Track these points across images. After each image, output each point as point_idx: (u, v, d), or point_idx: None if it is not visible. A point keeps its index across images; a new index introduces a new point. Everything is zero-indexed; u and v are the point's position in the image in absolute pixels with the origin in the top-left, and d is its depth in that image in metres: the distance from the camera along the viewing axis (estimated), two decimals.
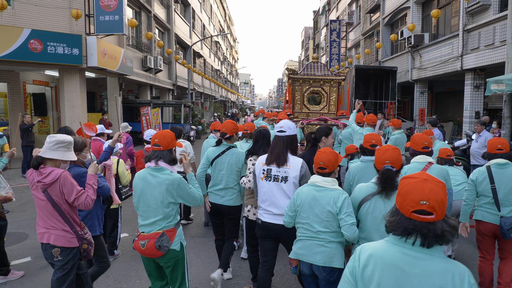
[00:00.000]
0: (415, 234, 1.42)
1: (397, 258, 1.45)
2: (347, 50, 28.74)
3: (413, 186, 1.45)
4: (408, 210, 1.43)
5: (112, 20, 11.57)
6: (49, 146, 2.90)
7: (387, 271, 1.45)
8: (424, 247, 1.42)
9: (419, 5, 16.01)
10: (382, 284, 1.45)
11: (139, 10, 17.38)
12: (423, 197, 1.41)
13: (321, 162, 2.73)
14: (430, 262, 1.42)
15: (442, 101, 18.45)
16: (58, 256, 2.91)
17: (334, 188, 2.70)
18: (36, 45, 10.42)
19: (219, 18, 45.43)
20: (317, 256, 2.67)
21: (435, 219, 1.40)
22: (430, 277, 1.40)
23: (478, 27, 11.37)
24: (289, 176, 3.09)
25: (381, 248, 1.50)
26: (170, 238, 2.80)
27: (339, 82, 8.15)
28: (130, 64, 14.47)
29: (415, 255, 1.43)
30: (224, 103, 49.66)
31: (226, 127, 3.92)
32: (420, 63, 15.41)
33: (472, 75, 11.97)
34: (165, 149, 2.87)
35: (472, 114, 12.08)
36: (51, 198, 2.86)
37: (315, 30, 44.78)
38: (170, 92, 22.94)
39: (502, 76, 7.78)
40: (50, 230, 2.91)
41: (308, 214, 2.70)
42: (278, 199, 3.10)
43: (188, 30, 26.98)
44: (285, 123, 3.22)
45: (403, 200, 1.46)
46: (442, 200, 1.42)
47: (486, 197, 3.60)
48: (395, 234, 1.47)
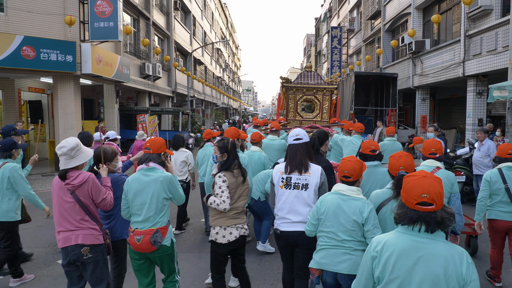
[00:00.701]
0: (420, 222, 1.72)
1: (407, 244, 1.75)
2: (349, 56, 28.55)
3: (415, 182, 1.75)
4: (412, 203, 1.73)
5: (107, 27, 11.40)
6: (67, 157, 3.03)
7: (400, 256, 1.74)
8: (428, 232, 1.72)
9: (420, 11, 15.79)
10: (396, 267, 1.75)
11: (137, 17, 17.26)
12: (423, 191, 1.71)
13: (346, 171, 2.76)
14: (434, 245, 1.71)
15: (444, 108, 18.14)
16: (88, 254, 3.06)
17: (359, 198, 2.72)
18: (29, 52, 10.25)
19: (221, 25, 45.48)
20: (342, 264, 2.68)
21: (435, 209, 1.70)
22: (435, 258, 1.70)
23: (480, 33, 11.11)
24: (310, 183, 3.12)
25: (393, 238, 1.80)
26: (163, 234, 3.09)
27: (332, 91, 8.33)
28: (127, 71, 14.30)
29: (421, 241, 1.73)
30: (226, 110, 49.53)
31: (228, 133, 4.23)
32: (422, 69, 15.15)
33: (475, 82, 11.68)
34: (154, 152, 3.20)
35: (475, 122, 11.77)
36: (79, 199, 3.04)
37: (317, 37, 44.69)
38: (169, 99, 22.77)
39: (505, 82, 7.49)
40: (77, 231, 3.04)
41: (332, 223, 2.71)
42: (297, 206, 3.12)
43: (188, 37, 26.91)
44: (299, 131, 3.30)
45: (408, 195, 1.76)
46: (440, 193, 1.72)
47: (498, 196, 4.01)
48: (403, 224, 1.78)
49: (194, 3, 28.63)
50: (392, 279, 1.76)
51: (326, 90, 8.34)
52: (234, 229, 3.34)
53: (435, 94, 18.41)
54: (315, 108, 8.49)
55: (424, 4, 15.19)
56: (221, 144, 3.41)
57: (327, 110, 8.43)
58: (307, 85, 8.37)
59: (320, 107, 8.45)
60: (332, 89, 8.37)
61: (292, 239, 3.16)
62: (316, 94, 8.39)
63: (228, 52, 53.79)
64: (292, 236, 3.14)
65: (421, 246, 1.73)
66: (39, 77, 12.97)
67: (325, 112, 8.44)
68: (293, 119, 8.56)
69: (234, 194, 3.32)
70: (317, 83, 8.44)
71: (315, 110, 8.50)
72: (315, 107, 8.50)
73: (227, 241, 3.29)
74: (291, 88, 8.45)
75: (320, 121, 8.35)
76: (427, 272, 1.70)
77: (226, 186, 3.28)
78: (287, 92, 8.52)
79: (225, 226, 3.31)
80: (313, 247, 2.96)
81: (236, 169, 3.38)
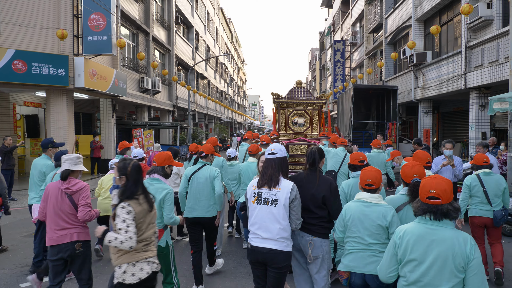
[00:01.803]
0: (429, 213, 2.20)
1: (421, 231, 2.22)
2: (352, 70, 28.32)
3: (427, 182, 2.25)
4: (423, 197, 2.22)
5: (100, 41, 11.32)
6: (72, 161, 3.61)
7: (416, 240, 2.21)
8: (436, 221, 2.19)
9: (420, 23, 15.53)
10: (414, 249, 2.21)
11: (136, 31, 17.27)
12: (431, 187, 2.20)
13: (369, 180, 3.02)
14: (443, 231, 2.17)
15: (449, 121, 17.69)
16: (80, 249, 3.53)
17: (382, 204, 2.99)
18: (20, 66, 10.17)
19: (226, 40, 45.74)
20: (370, 266, 2.91)
21: (441, 202, 2.17)
22: (444, 241, 2.14)
23: (481, 43, 10.78)
24: (279, 199, 3.06)
25: (412, 226, 2.29)
26: (158, 236, 3.40)
27: (321, 105, 8.64)
28: (123, 85, 14.18)
29: (433, 228, 2.20)
30: (230, 124, 49.42)
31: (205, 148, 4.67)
32: (423, 82, 14.80)
33: (477, 94, 11.30)
34: (159, 165, 3.66)
35: (479, 135, 11.33)
36: (74, 202, 3.53)
37: (321, 51, 44.67)
38: (170, 114, 22.64)
39: (505, 94, 7.13)
40: (72, 229, 3.52)
41: (358, 228, 2.95)
42: (267, 223, 3.07)
43: (191, 51, 26.96)
44: (275, 146, 3.27)
45: (421, 191, 2.25)
46: (445, 190, 2.18)
47: (478, 198, 4.68)
48: (419, 215, 2.25)
49: (197, 18, 28.80)
50: (411, 259, 2.25)
51: (315, 105, 8.62)
52: (145, 263, 2.87)
53: (439, 107, 17.98)
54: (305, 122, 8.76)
55: (425, 16, 14.93)
56: (121, 164, 2.96)
57: (316, 123, 8.69)
58: (297, 100, 8.64)
59: (310, 121, 8.69)
60: (321, 104, 8.64)
61: (262, 256, 3.09)
62: (306, 108, 8.66)
63: (233, 67, 53.98)
64: (262, 253, 3.08)
65: (432, 232, 2.20)
66: (32, 91, 12.88)
67: (315, 125, 8.70)
68: (285, 132, 8.84)
69: (142, 224, 2.88)
70: (307, 98, 8.72)
71: (305, 124, 8.75)
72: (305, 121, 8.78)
73: (138, 279, 2.81)
74: (282, 103, 8.74)
75: (310, 134, 8.63)
76: (438, 252, 2.15)
77: (132, 218, 2.78)
78: (278, 107, 8.82)
79: (134, 262, 2.83)
80: (284, 266, 3.05)
81: (141, 194, 2.93)
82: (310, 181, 3.36)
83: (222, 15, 42.61)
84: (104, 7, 11.09)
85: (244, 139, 8.04)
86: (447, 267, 2.12)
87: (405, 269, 2.28)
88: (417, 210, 2.27)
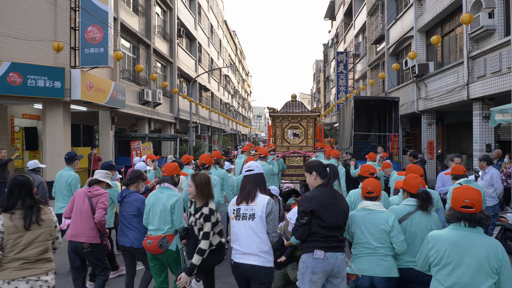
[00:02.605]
0: (464, 220, 2.43)
1: (457, 237, 2.43)
2: (355, 81, 28.14)
3: (460, 192, 2.47)
4: (458, 206, 2.44)
5: (97, 53, 11.26)
6: (101, 175, 4.39)
7: (454, 245, 2.42)
8: (471, 227, 2.41)
9: (422, 33, 15.35)
10: (451, 253, 2.41)
11: (137, 44, 17.29)
12: (466, 197, 2.42)
13: (369, 188, 3.34)
14: (477, 237, 2.40)
15: (454, 133, 17.36)
16: (87, 248, 4.12)
17: (383, 211, 3.28)
18: (16, 78, 10.11)
19: (230, 52, 45.94)
20: (378, 268, 3.15)
21: (475, 211, 2.40)
22: (478, 246, 2.37)
23: (483, 53, 10.54)
24: (256, 213, 3.18)
25: (447, 233, 2.49)
26: (169, 241, 3.72)
27: (315, 118, 9.03)
28: (122, 97, 14.10)
29: (468, 234, 2.42)
30: (234, 136, 49.31)
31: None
32: (426, 93, 14.54)
33: (480, 105, 11.01)
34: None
35: (483, 147, 11.00)
36: (92, 204, 4.16)
37: (325, 62, 44.64)
38: (172, 126, 22.54)
39: (508, 105, 6.86)
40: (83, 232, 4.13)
41: (364, 234, 3.21)
42: (246, 237, 3.16)
43: (193, 63, 27.00)
44: (252, 163, 3.42)
45: (454, 201, 2.46)
46: (478, 200, 2.41)
47: None
48: (452, 222, 2.48)
49: (200, 31, 28.93)
50: (448, 262, 2.42)
51: (309, 118, 8.98)
52: (23, 282, 2.72)
53: (443, 119, 17.67)
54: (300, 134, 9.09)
55: (427, 26, 14.75)
56: None
57: (311, 136, 9.02)
58: (292, 113, 9.00)
59: (305, 133, 9.02)
60: (315, 116, 9.02)
61: (244, 272, 3.18)
62: (301, 121, 9.02)
63: (238, 79, 54.12)
64: (245, 269, 3.16)
65: (468, 237, 2.39)
66: (29, 104, 12.84)
67: (309, 137, 9.02)
68: (281, 145, 9.12)
69: (15, 242, 2.72)
70: (301, 111, 9.08)
71: (300, 136, 9.06)
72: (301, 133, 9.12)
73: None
74: (278, 116, 9.09)
75: (305, 146, 8.96)
76: (474, 256, 2.34)
77: None
78: (274, 121, 9.17)
79: (9, 280, 2.69)
80: (266, 282, 3.15)
81: (20, 209, 2.77)
82: (336, 198, 3.23)
83: (226, 27, 42.87)
84: (101, 19, 11.06)
85: (242, 152, 8.11)
86: (483, 270, 2.33)
87: (442, 272, 2.45)
88: (451, 217, 2.49)
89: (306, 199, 3.18)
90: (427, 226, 3.27)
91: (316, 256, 3.09)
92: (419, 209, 3.30)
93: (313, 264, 3.10)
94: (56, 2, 11.16)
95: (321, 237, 3.12)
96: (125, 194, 4.20)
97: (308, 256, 3.14)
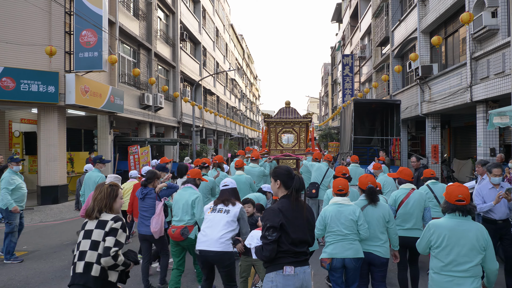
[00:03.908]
0: (458, 211, 3.03)
1: (454, 224, 3.03)
2: (361, 84, 27.73)
3: (454, 189, 3.07)
4: (453, 200, 3.04)
5: (91, 57, 11.19)
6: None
7: (450, 231, 3.01)
8: (463, 216, 3.02)
9: (426, 34, 14.95)
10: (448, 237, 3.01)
11: (137, 48, 17.24)
12: (459, 193, 3.02)
13: (340, 186, 4.04)
14: (468, 223, 3.01)
15: (460, 137, 16.85)
16: None
17: (351, 204, 3.95)
18: (8, 83, 10.08)
19: (237, 56, 45.87)
20: (348, 251, 3.80)
21: (466, 203, 3.01)
22: (470, 230, 2.98)
23: (487, 54, 10.14)
24: (231, 211, 4.01)
25: (445, 221, 3.09)
26: (189, 230, 4.47)
27: (307, 124, 9.59)
28: (120, 101, 14.02)
29: (461, 222, 3.02)
30: (241, 140, 49.13)
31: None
32: (430, 95, 14.13)
33: (484, 108, 10.58)
34: (192, 177, 4.80)
35: (487, 151, 10.57)
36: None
37: (333, 65, 44.25)
38: (175, 130, 22.44)
39: (505, 107, 6.49)
40: None
41: (336, 224, 3.84)
42: (216, 225, 3.93)
43: (197, 67, 26.92)
44: (227, 180, 4.29)
45: (450, 195, 3.07)
46: (468, 194, 3.04)
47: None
48: (448, 213, 3.09)
49: (205, 35, 28.87)
50: (448, 244, 3.00)
51: (302, 123, 9.55)
52: None
53: (450, 122, 17.19)
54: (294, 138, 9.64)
55: (430, 27, 14.36)
56: None
57: (303, 140, 9.55)
58: (286, 119, 9.60)
59: (298, 137, 9.57)
60: (307, 122, 9.58)
61: (210, 259, 3.90)
62: (294, 126, 9.60)
63: (245, 82, 54.01)
64: (209, 256, 3.87)
65: (462, 224, 3.00)
66: (26, 108, 12.84)
67: (302, 142, 9.56)
68: (275, 148, 9.72)
69: None
70: (294, 117, 9.66)
71: (293, 140, 9.63)
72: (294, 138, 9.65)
73: None
74: (272, 122, 9.76)
75: (298, 150, 9.54)
76: (467, 238, 2.95)
77: None
78: (269, 126, 9.82)
79: None
80: (230, 264, 3.90)
81: None
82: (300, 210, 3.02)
83: (232, 31, 42.84)
84: (94, 23, 10.99)
85: (237, 156, 8.83)
86: (474, 248, 2.96)
87: (443, 252, 3.02)
88: (447, 209, 3.10)
89: (274, 213, 2.92)
90: (378, 216, 3.98)
91: (286, 273, 2.88)
92: (369, 203, 4.02)
93: (283, 282, 2.87)
94: (51, 7, 11.12)
95: (290, 252, 2.91)
96: (145, 192, 5.02)
97: (277, 274, 2.90)
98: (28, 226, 9.39)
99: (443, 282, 3.03)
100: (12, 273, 5.85)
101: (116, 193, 3.08)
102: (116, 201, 3.07)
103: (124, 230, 2.95)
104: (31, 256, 6.80)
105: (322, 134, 36.84)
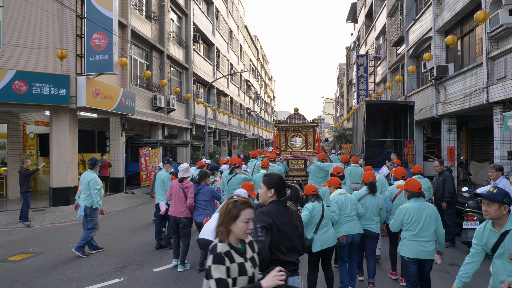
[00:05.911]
0: (417, 195, 4.42)
1: (417, 205, 4.37)
2: (376, 85, 27.27)
3: (415, 182, 4.51)
4: (416, 189, 4.43)
5: (102, 60, 11.28)
6: (183, 172, 6.34)
7: (416, 210, 4.33)
8: (421, 199, 4.42)
9: (441, 34, 14.55)
10: (415, 215, 4.32)
11: (149, 50, 17.35)
12: (419, 185, 4.46)
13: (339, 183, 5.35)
14: (425, 204, 4.41)
15: (478, 139, 16.35)
16: (183, 220, 6.20)
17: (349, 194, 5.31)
18: (21, 86, 10.24)
19: (251, 57, 45.82)
20: (356, 228, 5.08)
21: (421, 191, 4.47)
22: (427, 208, 4.37)
23: (504, 54, 9.77)
24: None
25: (411, 204, 4.40)
26: None
27: (314, 128, 10.66)
28: (132, 103, 14.11)
29: (421, 203, 4.39)
30: (256, 141, 49.04)
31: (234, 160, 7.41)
32: (445, 96, 13.73)
33: (501, 109, 10.20)
34: None
35: (504, 154, 10.18)
36: (185, 193, 6.18)
37: (348, 66, 43.74)
38: (188, 131, 22.52)
39: None
40: (181, 210, 6.17)
41: (346, 208, 5.06)
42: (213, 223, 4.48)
43: (211, 69, 26.97)
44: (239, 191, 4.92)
45: (413, 186, 4.46)
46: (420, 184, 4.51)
47: None
48: (412, 198, 4.43)
49: (218, 36, 28.92)
50: (415, 219, 4.31)
51: (309, 127, 10.63)
52: None
53: (467, 123, 16.70)
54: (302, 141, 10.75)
55: (445, 26, 13.96)
56: None
57: (311, 142, 10.58)
58: (295, 124, 10.68)
59: (306, 140, 10.66)
60: (313, 127, 10.64)
61: None
62: (302, 131, 10.64)
63: (260, 84, 53.92)
64: None
65: (422, 205, 4.36)
66: (40, 111, 13.04)
67: (309, 144, 10.61)
68: (285, 150, 10.84)
69: None
70: (302, 122, 10.75)
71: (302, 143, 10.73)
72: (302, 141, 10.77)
73: None
74: (282, 127, 10.82)
75: (306, 151, 10.62)
76: (427, 213, 4.30)
77: None
78: (279, 130, 10.85)
79: None
80: None
81: None
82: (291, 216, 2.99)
83: (247, 32, 42.81)
84: (105, 26, 11.08)
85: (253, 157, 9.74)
86: (432, 220, 4.32)
87: (412, 226, 4.30)
88: (411, 196, 4.45)
89: (263, 214, 2.87)
90: (374, 204, 5.40)
91: None
92: (369, 193, 5.45)
93: None
94: (62, 10, 11.27)
95: (278, 262, 2.81)
96: (199, 188, 6.18)
97: None
98: (38, 227, 9.52)
99: (414, 245, 4.31)
100: (15, 277, 5.90)
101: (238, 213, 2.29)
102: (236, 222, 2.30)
103: None
104: (37, 258, 6.86)
105: (337, 135, 36.43)
